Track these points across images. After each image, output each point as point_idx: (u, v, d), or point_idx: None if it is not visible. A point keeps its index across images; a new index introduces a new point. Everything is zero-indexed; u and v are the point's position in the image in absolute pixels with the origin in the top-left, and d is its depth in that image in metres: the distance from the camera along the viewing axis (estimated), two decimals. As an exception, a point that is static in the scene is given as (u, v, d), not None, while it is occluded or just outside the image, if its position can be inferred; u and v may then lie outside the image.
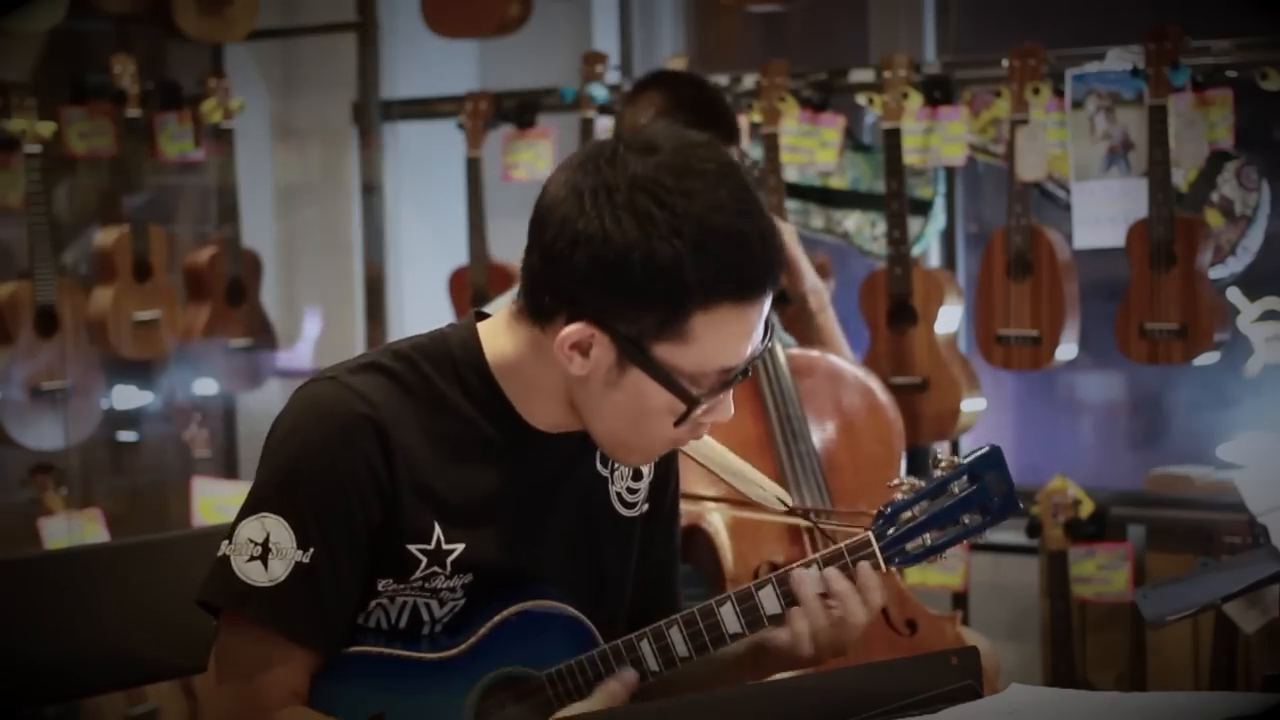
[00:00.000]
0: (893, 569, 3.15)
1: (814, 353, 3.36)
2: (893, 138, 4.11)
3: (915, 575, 4.04)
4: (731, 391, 1.91)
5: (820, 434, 3.25)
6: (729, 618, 1.96)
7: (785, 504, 2.08)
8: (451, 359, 1.96)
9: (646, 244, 1.81)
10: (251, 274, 5.05)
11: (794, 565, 1.98)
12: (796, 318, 3.41)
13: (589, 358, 1.87)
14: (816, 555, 1.98)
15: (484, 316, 2.03)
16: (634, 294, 1.82)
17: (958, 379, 4.13)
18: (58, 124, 4.68)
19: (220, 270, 4.98)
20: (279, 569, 1.87)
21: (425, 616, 1.96)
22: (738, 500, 3.02)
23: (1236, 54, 3.85)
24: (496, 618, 1.96)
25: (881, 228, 4.27)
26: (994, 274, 4.06)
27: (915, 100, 4.12)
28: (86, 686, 2.39)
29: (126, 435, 5.15)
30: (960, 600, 4.16)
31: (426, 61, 5.21)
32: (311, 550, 1.87)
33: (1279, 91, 3.77)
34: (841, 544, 1.97)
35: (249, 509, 1.90)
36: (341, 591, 1.90)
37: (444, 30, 4.89)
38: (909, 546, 1.95)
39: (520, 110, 4.72)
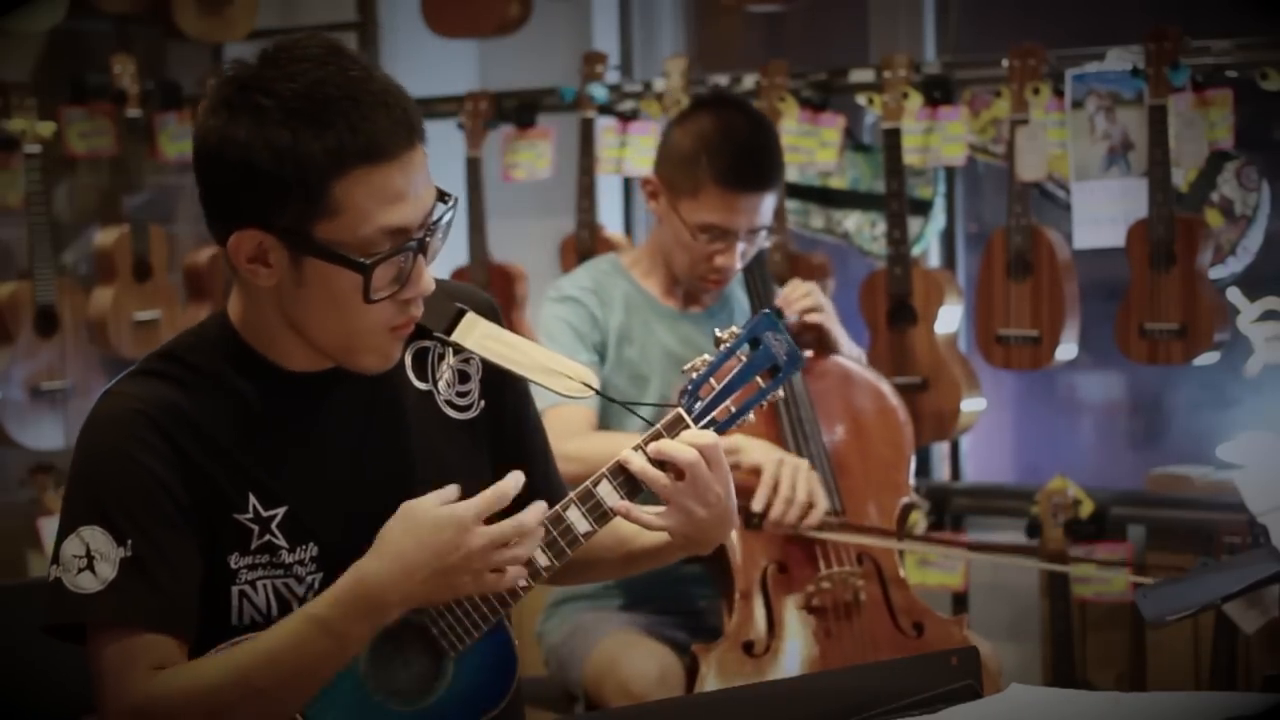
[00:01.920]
0: (900, 571, 3.18)
1: (826, 356, 3.37)
2: (893, 138, 4.11)
3: (915, 575, 4.04)
4: (420, 260, 1.95)
5: (831, 436, 3.26)
6: (578, 520, 2.02)
7: (592, 388, 2.12)
8: (209, 340, 2.04)
9: (263, 135, 1.89)
10: (251, 274, 5.04)
11: (622, 454, 2.05)
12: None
13: (270, 265, 1.93)
14: (638, 440, 2.05)
15: None
16: (271, 186, 1.89)
17: (958, 379, 4.13)
18: (58, 124, 4.68)
19: (220, 270, 4.98)
20: (107, 570, 1.92)
21: (289, 596, 2.00)
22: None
23: (1236, 54, 3.85)
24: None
25: (881, 228, 4.27)
26: (994, 274, 4.06)
27: (915, 100, 4.12)
28: (87, 705, 2.39)
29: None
30: (960, 600, 4.16)
31: (426, 61, 5.21)
32: (130, 542, 1.93)
33: (1279, 91, 3.77)
34: (658, 424, 2.05)
35: (64, 530, 1.95)
36: (174, 571, 1.94)
37: (444, 30, 4.89)
38: (717, 415, 2.07)
39: (520, 110, 4.72)
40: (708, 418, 2.06)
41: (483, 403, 2.15)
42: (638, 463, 2.03)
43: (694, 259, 3.26)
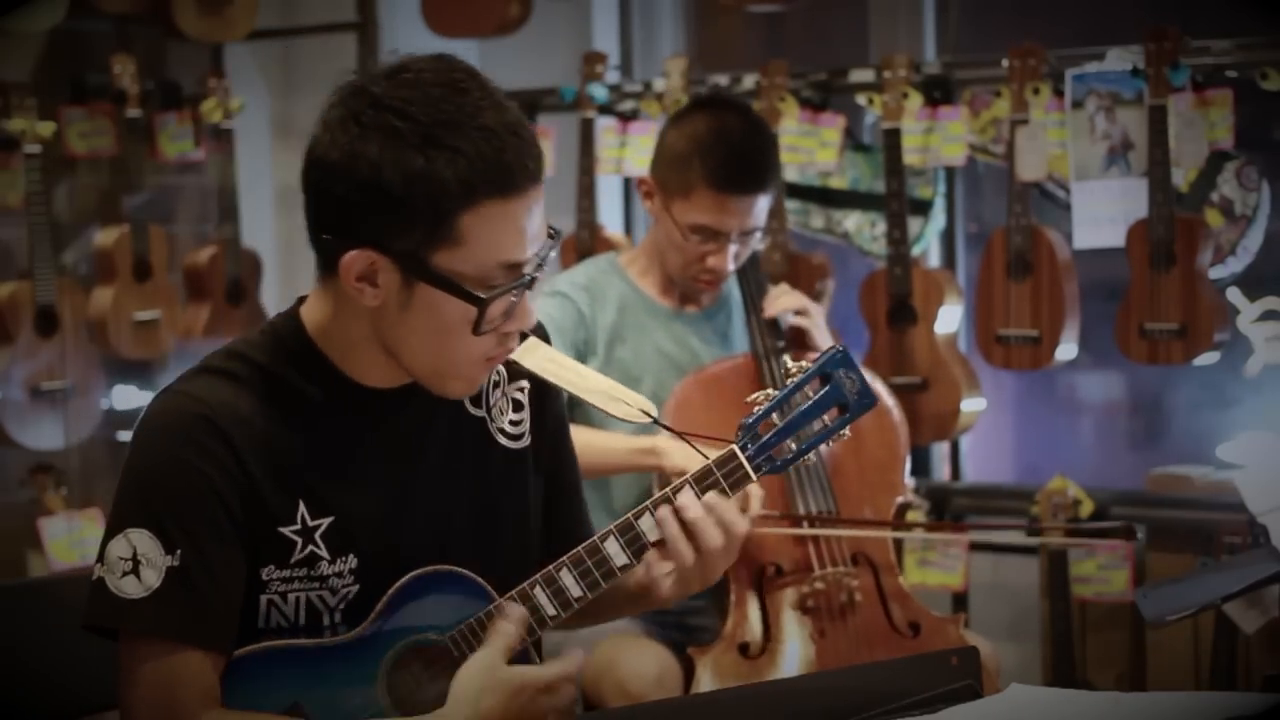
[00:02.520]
0: (896, 571, 3.18)
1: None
2: (893, 138, 4.10)
3: (915, 575, 4.04)
4: (527, 295, 1.94)
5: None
6: (615, 552, 1.99)
7: (651, 416, 2.09)
8: (279, 342, 2.00)
9: (396, 157, 1.85)
10: (251, 274, 5.05)
11: (670, 488, 2.01)
12: None
13: (378, 286, 1.90)
14: (688, 476, 2.01)
15: (306, 299, 2.07)
16: (396, 209, 1.86)
17: (958, 379, 4.13)
18: (58, 124, 4.68)
19: (220, 270, 4.98)
20: (152, 578, 1.90)
21: (320, 607, 1.98)
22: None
23: (1236, 54, 3.85)
24: (391, 590, 1.98)
25: (881, 228, 4.27)
26: (994, 274, 4.06)
27: (915, 100, 4.12)
28: (87, 705, 2.39)
29: (126, 435, 5.15)
30: (960, 600, 4.16)
31: (426, 61, 5.20)
32: (179, 552, 1.90)
33: (1279, 91, 3.77)
34: (709, 460, 2.01)
35: (112, 529, 1.93)
36: (219, 586, 1.93)
37: (444, 30, 4.89)
38: (774, 453, 2.00)
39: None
40: (764, 455, 2.00)
41: (532, 435, 2.13)
42: (715, 502, 2.00)
43: (686, 260, 3.26)
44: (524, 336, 2.06)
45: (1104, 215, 3.94)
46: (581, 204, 4.58)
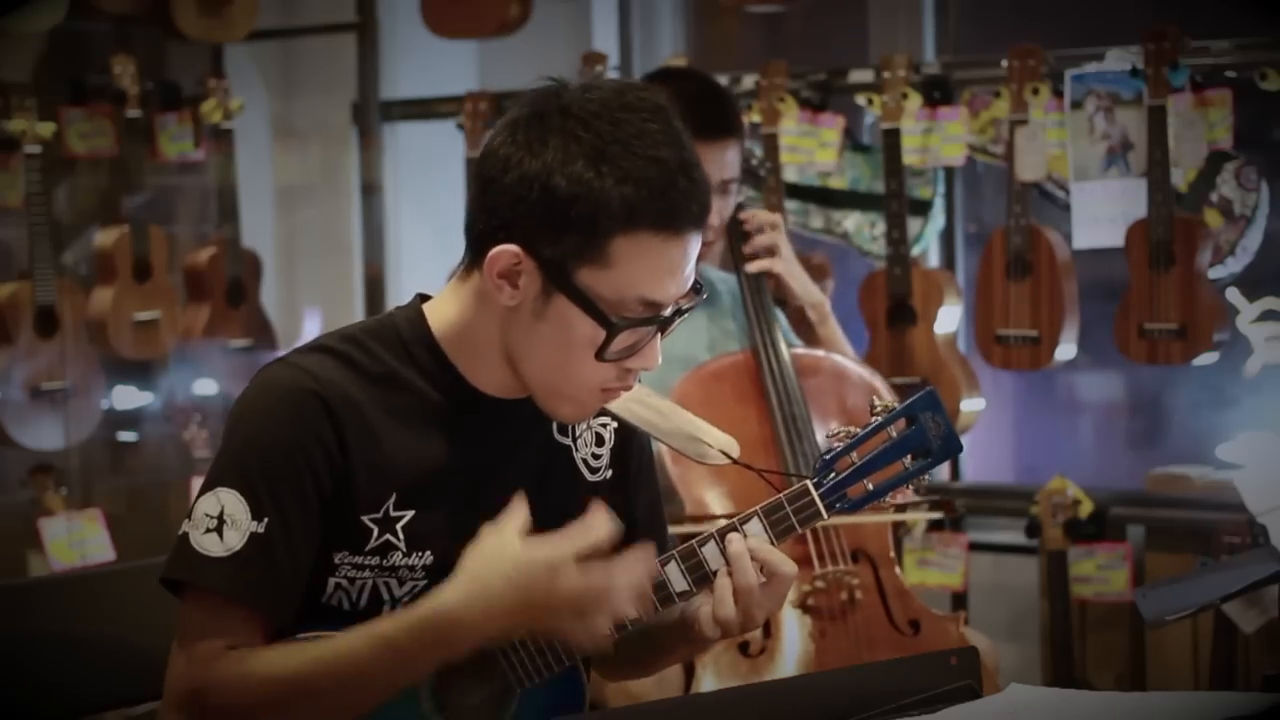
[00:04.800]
0: (896, 569, 3.18)
1: (819, 352, 3.36)
2: (892, 138, 4.11)
3: (915, 575, 4.05)
4: (658, 338, 1.94)
5: (825, 435, 3.25)
6: (676, 577, 1.98)
7: (730, 457, 2.08)
8: (398, 335, 2.01)
9: (571, 165, 1.87)
10: (251, 274, 5.05)
11: (738, 518, 1.99)
12: (799, 325, 3.42)
13: (518, 287, 1.91)
14: (758, 507, 1.99)
15: (427, 298, 2.07)
16: (557, 214, 1.87)
17: (957, 379, 4.13)
18: (58, 124, 4.68)
19: (220, 270, 4.98)
20: (235, 539, 1.91)
21: (385, 595, 1.98)
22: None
23: (1236, 54, 3.85)
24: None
25: (881, 228, 4.27)
26: (993, 274, 4.06)
27: (915, 100, 4.13)
28: (87, 705, 2.39)
29: (126, 435, 5.16)
30: (960, 600, 4.16)
31: (426, 62, 5.21)
32: (266, 520, 1.91)
33: (1278, 92, 3.77)
34: (781, 494, 1.99)
35: (206, 486, 1.94)
36: (296, 560, 1.93)
37: (444, 31, 4.89)
38: (850, 492, 1.97)
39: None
40: (839, 493, 1.97)
41: (610, 471, 2.13)
42: (757, 545, 1.97)
43: None
44: None
45: (1103, 215, 3.94)
46: (581, 204, 4.57)
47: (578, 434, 2.10)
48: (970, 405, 4.15)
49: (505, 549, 1.86)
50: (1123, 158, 3.92)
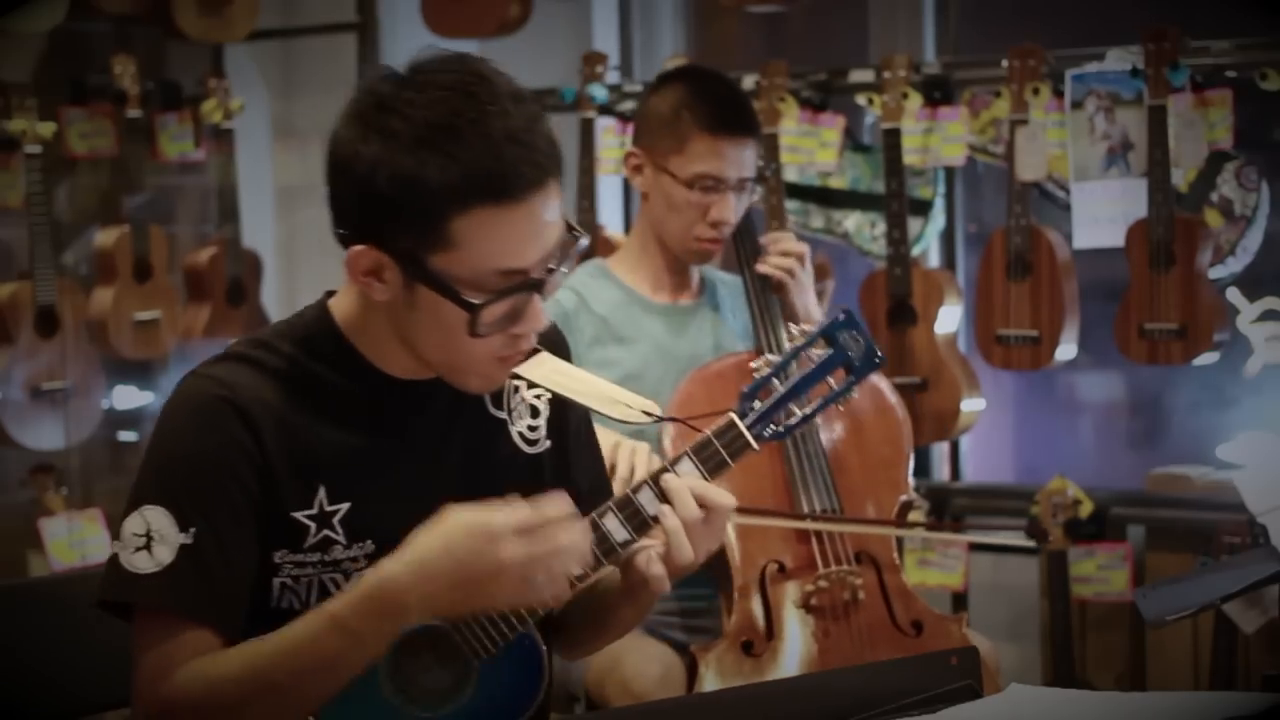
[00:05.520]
0: (900, 571, 3.18)
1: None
2: (892, 138, 4.11)
3: (915, 575, 4.05)
4: (535, 299, 1.94)
5: (829, 435, 3.25)
6: (615, 528, 1.98)
7: (654, 415, 2.08)
8: (306, 332, 2.03)
9: (391, 159, 1.86)
10: (251, 274, 5.05)
11: (670, 460, 1.99)
12: None
13: (385, 282, 1.93)
14: (686, 446, 2.00)
15: (334, 294, 2.09)
16: (393, 210, 1.88)
17: (957, 379, 4.13)
18: (58, 124, 4.68)
19: (220, 270, 4.98)
20: (164, 554, 1.92)
21: (333, 590, 1.99)
22: (744, 509, 3.05)
23: (1236, 54, 3.85)
24: None
25: (881, 228, 4.27)
26: (994, 274, 4.06)
27: (915, 100, 4.13)
28: (87, 705, 2.39)
29: (126, 435, 5.16)
30: (960, 600, 4.16)
31: (426, 62, 5.20)
32: (193, 530, 1.92)
33: (1278, 92, 3.77)
34: (708, 430, 1.99)
35: (130, 506, 1.95)
36: (230, 566, 1.94)
37: (444, 30, 4.89)
38: (777, 420, 1.98)
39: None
40: (766, 422, 1.98)
41: (549, 441, 2.14)
42: (692, 482, 1.98)
43: (688, 220, 3.26)
44: (535, 351, 2.06)
45: (1104, 215, 3.95)
46: (581, 204, 4.58)
47: (513, 407, 2.12)
48: (970, 405, 4.15)
49: (446, 520, 1.87)
50: (1123, 158, 3.92)
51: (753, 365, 2.00)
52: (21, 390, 4.65)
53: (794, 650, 3.08)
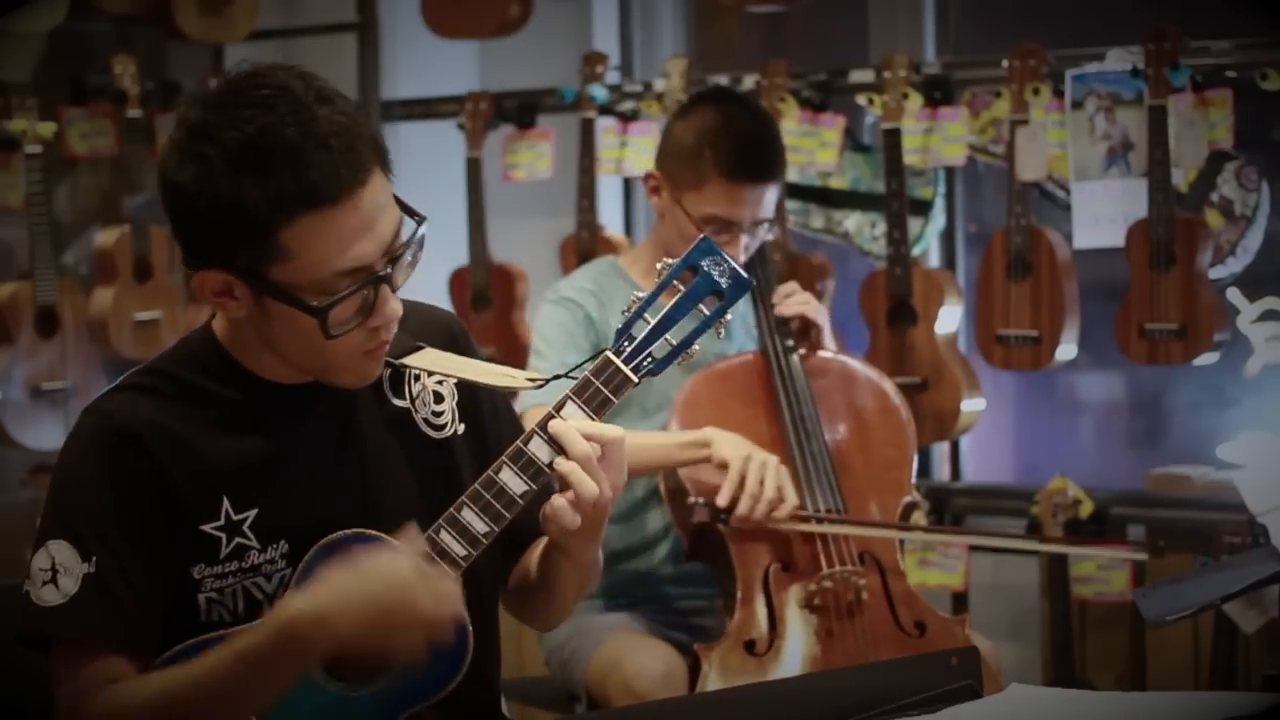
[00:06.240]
0: (904, 572, 3.18)
1: (828, 354, 3.36)
2: (893, 138, 4.11)
3: (915, 575, 4.04)
4: (384, 289, 1.96)
5: (833, 435, 3.25)
6: (511, 480, 1.99)
7: (536, 380, 2.10)
8: (192, 352, 2.08)
9: (210, 185, 1.90)
10: (252, 274, 5.05)
11: (554, 405, 2.00)
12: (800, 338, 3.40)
13: (238, 299, 1.97)
14: (568, 390, 2.01)
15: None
16: (222, 232, 1.92)
17: (958, 379, 4.13)
18: (58, 124, 4.68)
19: (220, 270, 4.98)
20: (69, 584, 1.96)
21: (259, 595, 2.02)
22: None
23: (1236, 54, 3.85)
24: (307, 555, 2.00)
25: (881, 228, 4.27)
26: (994, 274, 4.06)
27: (915, 100, 4.13)
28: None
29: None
30: (960, 600, 4.16)
31: (426, 62, 5.21)
32: (95, 559, 1.96)
33: (1279, 92, 3.77)
34: (586, 371, 2.01)
35: (36, 543, 2.00)
36: (136, 591, 1.97)
37: (444, 30, 4.90)
38: (653, 351, 1.99)
39: (520, 110, 4.72)
40: (643, 354, 1.99)
41: (462, 425, 2.17)
42: (578, 423, 1.99)
43: None
44: (418, 348, 2.10)
45: (1104, 215, 3.94)
46: (581, 204, 4.58)
47: (415, 395, 2.14)
48: (970, 405, 4.15)
49: (364, 564, 1.89)
50: (1123, 158, 3.92)
51: (622, 310, 2.01)
52: (21, 390, 4.65)
53: (797, 650, 3.08)
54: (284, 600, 1.93)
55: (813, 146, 4.29)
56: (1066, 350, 4.03)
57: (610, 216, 4.94)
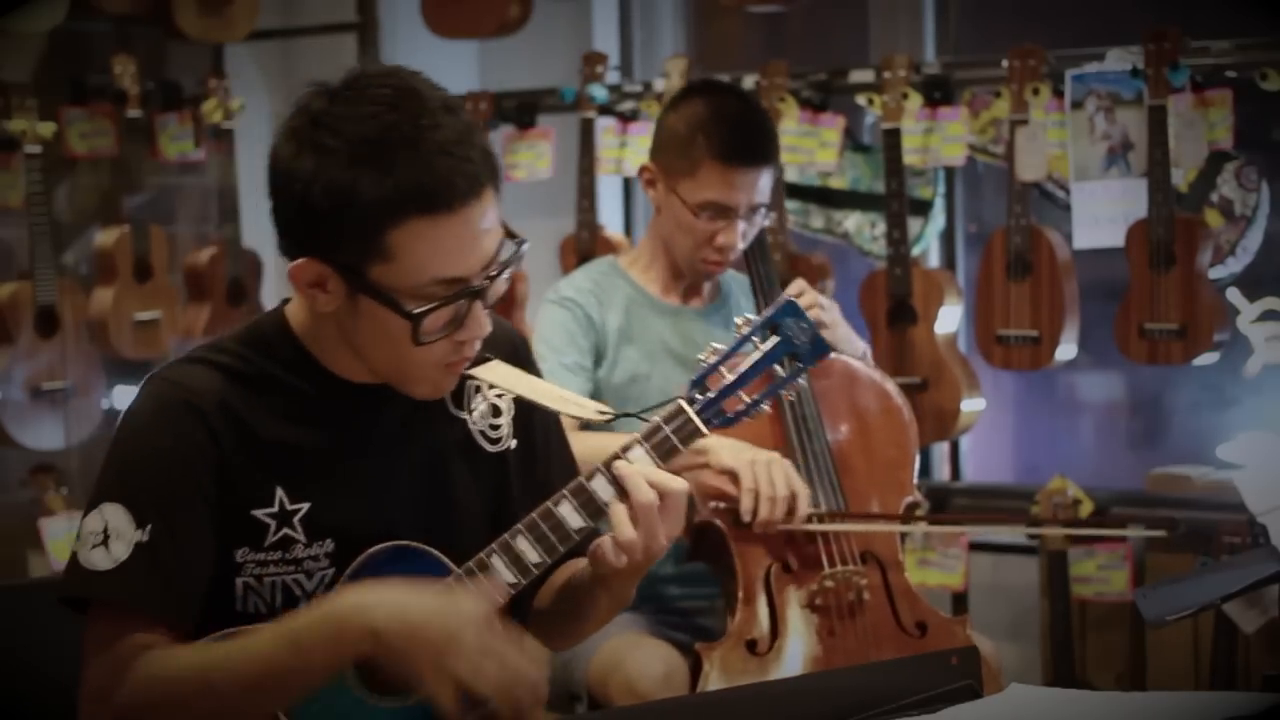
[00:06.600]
0: (905, 573, 3.18)
1: (830, 354, 3.35)
2: (892, 138, 4.11)
3: (915, 575, 4.04)
4: (478, 305, 1.97)
5: (835, 435, 3.25)
6: (569, 514, 2.00)
7: (609, 414, 2.10)
8: (264, 337, 2.08)
9: (326, 174, 1.90)
10: (251, 274, 5.05)
11: (621, 447, 2.01)
12: None
13: (330, 293, 1.97)
14: (637, 433, 2.01)
15: (290, 301, 2.13)
16: (330, 224, 1.92)
17: (958, 379, 4.13)
18: (58, 124, 4.68)
19: (220, 270, 4.98)
20: (121, 550, 1.95)
21: (298, 592, 2.01)
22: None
23: (1236, 54, 3.85)
24: (353, 564, 2.00)
25: (881, 228, 4.27)
26: (994, 274, 4.06)
27: (915, 100, 4.13)
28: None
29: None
30: (960, 600, 4.17)
31: (426, 61, 5.15)
32: (149, 527, 1.95)
33: (1278, 92, 3.77)
34: (657, 417, 2.01)
35: (90, 506, 1.98)
36: (186, 564, 1.96)
37: (444, 30, 4.90)
38: (725, 406, 2.00)
39: (520, 110, 4.72)
40: (715, 409, 2.01)
41: (515, 441, 2.17)
42: (645, 468, 1.99)
43: (695, 241, 3.26)
44: (487, 359, 2.09)
45: (1104, 215, 3.95)
46: (581, 204, 4.58)
47: (472, 407, 2.14)
48: (970, 405, 4.15)
49: (452, 597, 1.89)
50: (1123, 158, 3.92)
51: (699, 357, 2.02)
52: (21, 390, 4.65)
53: (798, 650, 3.08)
54: (340, 591, 1.92)
55: (813, 146, 4.29)
56: (1066, 350, 4.03)
57: (610, 216, 4.94)
